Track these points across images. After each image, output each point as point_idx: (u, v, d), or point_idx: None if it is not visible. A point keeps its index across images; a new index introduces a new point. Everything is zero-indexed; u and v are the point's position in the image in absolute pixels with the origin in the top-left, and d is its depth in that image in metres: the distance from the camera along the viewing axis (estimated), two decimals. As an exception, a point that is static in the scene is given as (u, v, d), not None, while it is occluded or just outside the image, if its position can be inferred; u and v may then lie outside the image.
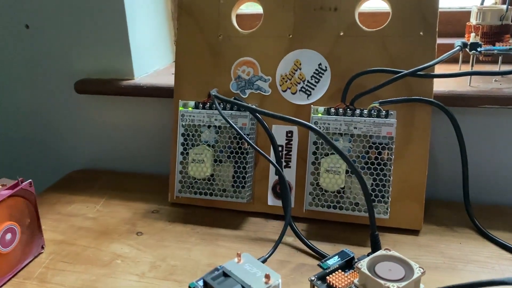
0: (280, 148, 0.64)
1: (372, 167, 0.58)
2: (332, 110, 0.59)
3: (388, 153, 0.57)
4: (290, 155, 0.64)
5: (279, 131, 0.64)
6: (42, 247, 0.59)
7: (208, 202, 0.67)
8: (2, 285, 0.53)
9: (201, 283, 0.42)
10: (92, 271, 0.55)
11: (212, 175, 0.65)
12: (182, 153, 0.66)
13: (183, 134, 0.66)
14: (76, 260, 0.57)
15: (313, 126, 0.56)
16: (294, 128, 0.64)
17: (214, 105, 0.63)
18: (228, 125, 0.62)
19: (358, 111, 0.58)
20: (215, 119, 0.64)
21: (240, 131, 0.60)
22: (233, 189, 0.64)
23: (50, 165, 0.90)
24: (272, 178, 0.65)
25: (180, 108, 0.66)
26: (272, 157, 0.63)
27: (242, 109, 0.63)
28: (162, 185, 0.74)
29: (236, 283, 0.37)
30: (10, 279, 0.54)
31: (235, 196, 0.64)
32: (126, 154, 0.85)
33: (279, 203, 0.65)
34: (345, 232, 0.60)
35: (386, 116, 0.57)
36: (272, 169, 0.65)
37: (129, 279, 0.54)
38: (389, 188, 0.57)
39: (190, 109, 0.65)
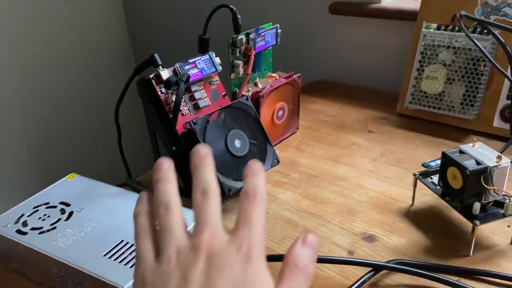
0: (517, 74, 0.67)
1: None
2: None
3: None
4: (527, 81, 0.67)
5: (519, 57, 0.67)
6: (297, 128, 0.77)
7: (435, 116, 0.75)
8: (274, 145, 0.72)
9: (432, 163, 0.53)
10: (334, 150, 0.71)
11: (443, 91, 0.72)
12: (417, 70, 0.75)
13: (421, 53, 0.74)
14: (321, 141, 0.74)
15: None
16: (537, 55, 0.66)
17: (458, 27, 0.69)
18: (467, 47, 0.68)
19: None
20: (456, 41, 0.70)
21: (484, 51, 0.65)
22: (461, 107, 0.71)
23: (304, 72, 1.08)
24: (502, 102, 0.69)
25: (423, 29, 0.74)
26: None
27: (484, 33, 0.67)
28: (390, 99, 0.85)
29: (470, 158, 0.46)
30: (276, 144, 0.73)
31: (462, 112, 0.71)
32: (362, 70, 0.97)
33: (505, 126, 0.69)
34: None
35: None
36: (503, 93, 0.69)
37: (363, 160, 0.67)
38: None
39: (432, 30, 0.73)
